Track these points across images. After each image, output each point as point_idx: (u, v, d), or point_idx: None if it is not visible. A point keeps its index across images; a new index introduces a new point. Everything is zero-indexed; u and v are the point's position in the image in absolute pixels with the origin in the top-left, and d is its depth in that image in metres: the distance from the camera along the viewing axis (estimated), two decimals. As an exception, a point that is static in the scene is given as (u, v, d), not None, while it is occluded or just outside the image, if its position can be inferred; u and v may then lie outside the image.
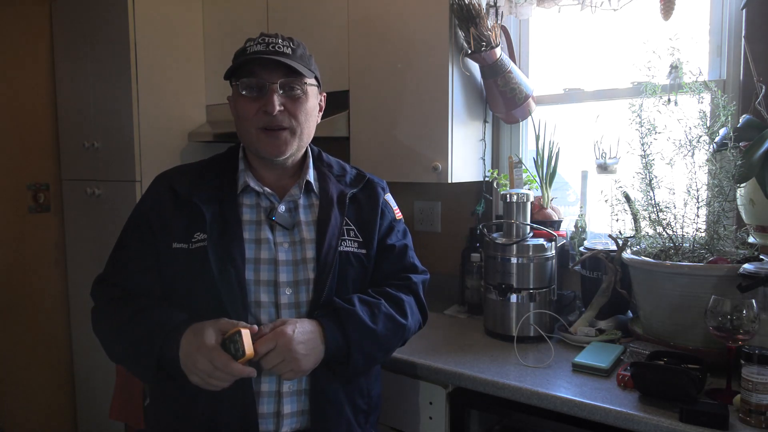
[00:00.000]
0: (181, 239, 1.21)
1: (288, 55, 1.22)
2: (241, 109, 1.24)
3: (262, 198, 1.27)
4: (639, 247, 1.58)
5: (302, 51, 1.27)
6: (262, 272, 1.21)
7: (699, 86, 1.53)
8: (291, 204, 1.29)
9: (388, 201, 1.41)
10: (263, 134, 1.23)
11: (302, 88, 1.24)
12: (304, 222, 1.27)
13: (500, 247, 1.70)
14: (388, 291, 1.31)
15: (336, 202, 1.30)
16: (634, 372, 1.28)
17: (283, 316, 1.20)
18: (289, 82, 1.22)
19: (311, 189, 1.31)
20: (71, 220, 2.71)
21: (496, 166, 2.11)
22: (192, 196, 1.23)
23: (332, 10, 2.07)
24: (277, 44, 1.23)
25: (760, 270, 1.25)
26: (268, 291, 1.21)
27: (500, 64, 1.86)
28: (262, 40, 1.24)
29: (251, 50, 1.22)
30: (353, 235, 1.30)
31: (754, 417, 1.14)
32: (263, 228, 1.24)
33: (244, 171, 1.29)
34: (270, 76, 1.21)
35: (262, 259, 1.21)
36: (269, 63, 1.21)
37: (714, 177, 1.45)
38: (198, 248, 1.19)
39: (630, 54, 1.86)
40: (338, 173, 1.38)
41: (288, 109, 1.23)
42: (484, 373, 1.44)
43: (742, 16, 1.59)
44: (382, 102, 1.98)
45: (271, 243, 1.23)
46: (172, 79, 2.42)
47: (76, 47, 2.54)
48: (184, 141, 2.48)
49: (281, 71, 1.21)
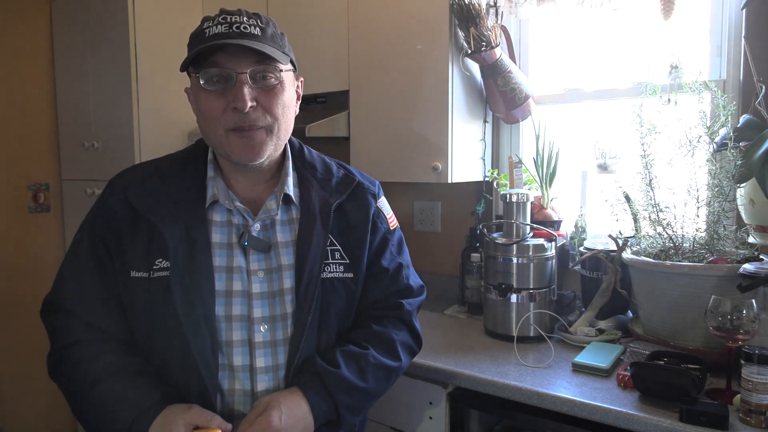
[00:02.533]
0: (140, 267, 1.04)
1: (257, 37, 1.02)
2: (204, 107, 1.05)
3: (234, 213, 1.10)
4: (639, 247, 1.58)
5: (273, 30, 1.07)
6: (234, 306, 1.06)
7: (699, 86, 1.53)
8: (267, 221, 1.12)
9: (380, 209, 1.24)
10: (234, 136, 1.04)
11: (277, 77, 1.04)
12: (282, 243, 1.10)
13: (500, 247, 1.70)
14: (377, 331, 1.16)
15: (319, 215, 1.12)
16: (634, 372, 1.28)
17: (257, 356, 1.06)
18: (261, 70, 1.03)
19: (290, 200, 1.14)
20: (71, 220, 2.71)
21: (496, 166, 2.11)
22: (152, 215, 1.05)
23: (332, 9, 2.07)
24: (243, 23, 1.02)
25: (760, 270, 1.25)
26: (241, 328, 1.06)
27: (500, 64, 1.86)
28: (224, 20, 1.02)
29: (211, 33, 1.01)
30: (338, 257, 1.13)
31: (754, 417, 1.14)
32: (235, 253, 1.07)
33: (213, 179, 1.11)
34: (237, 65, 1.01)
35: (234, 292, 1.06)
36: (235, 49, 1.00)
37: (714, 177, 1.45)
38: (159, 278, 1.03)
39: (630, 54, 1.86)
40: (322, 176, 1.19)
41: (262, 104, 1.04)
42: (484, 373, 1.44)
43: (742, 16, 1.59)
44: (382, 102, 1.98)
45: (244, 272, 1.07)
46: (172, 79, 2.41)
47: (76, 47, 2.53)
48: (184, 141, 2.48)
49: (251, 57, 1.01)
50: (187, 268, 1.03)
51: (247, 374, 1.08)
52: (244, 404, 1.07)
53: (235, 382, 1.08)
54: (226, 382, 1.07)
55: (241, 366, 1.07)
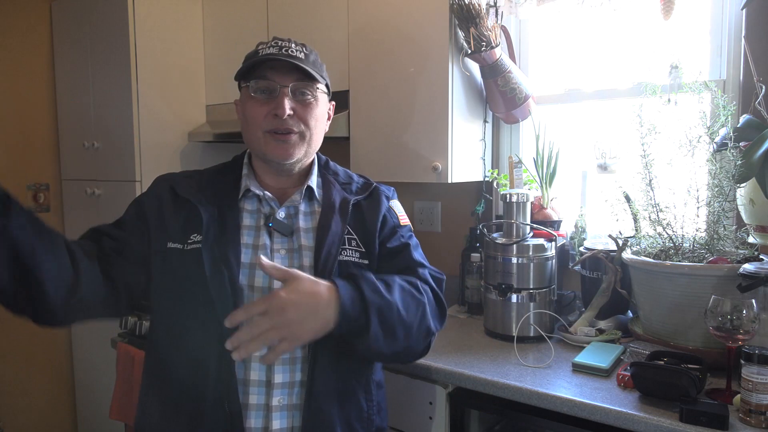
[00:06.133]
0: (177, 239, 1.17)
1: (301, 60, 1.20)
2: (249, 112, 1.22)
3: (263, 203, 1.24)
4: (639, 247, 1.58)
5: (315, 57, 1.26)
6: (256, 277, 1.16)
7: (699, 86, 1.53)
8: (291, 209, 1.25)
9: (392, 207, 1.35)
10: (271, 137, 1.21)
11: (313, 94, 1.23)
12: (303, 229, 1.23)
13: (500, 247, 1.70)
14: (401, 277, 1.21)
15: (338, 209, 1.25)
16: (634, 372, 1.28)
17: None
18: (301, 86, 1.21)
19: (313, 196, 1.28)
20: (71, 220, 2.71)
21: (496, 166, 2.11)
22: (191, 197, 1.21)
23: (332, 9, 2.07)
24: (291, 48, 1.21)
25: (760, 270, 1.25)
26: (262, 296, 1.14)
27: (500, 64, 1.86)
28: (275, 44, 1.22)
29: (264, 53, 1.20)
30: (355, 245, 1.24)
31: (754, 417, 1.14)
32: (261, 234, 1.20)
33: (247, 175, 1.27)
34: (282, 79, 1.19)
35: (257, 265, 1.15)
36: (282, 66, 1.19)
37: (714, 177, 1.45)
38: (192, 249, 1.15)
39: (630, 54, 1.86)
40: (344, 181, 1.34)
41: (298, 114, 1.21)
42: (484, 373, 1.44)
43: (742, 16, 1.59)
44: (382, 102, 1.98)
45: (268, 249, 1.19)
46: (172, 79, 2.42)
47: (76, 47, 2.53)
48: (184, 141, 2.48)
49: (294, 75, 1.20)
50: (217, 241, 1.16)
51: None
52: (260, 368, 1.14)
53: None
54: None
55: None
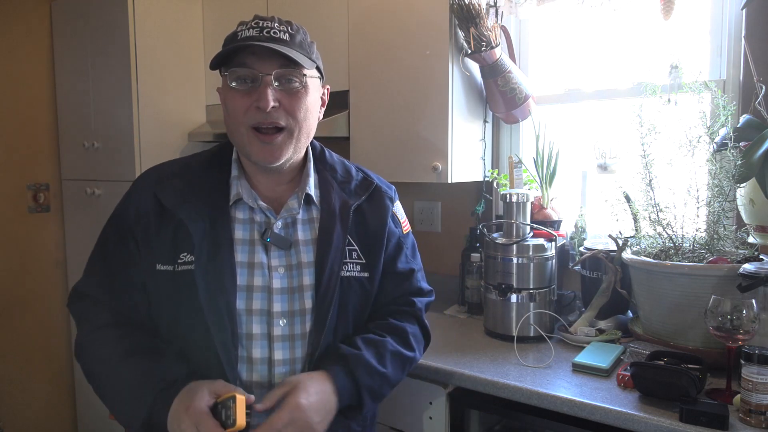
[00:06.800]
0: (166, 260, 1.08)
1: (285, 42, 1.07)
2: (230, 105, 1.09)
3: (256, 212, 1.15)
4: (639, 247, 1.58)
5: (302, 37, 1.12)
6: (254, 301, 1.10)
7: (699, 86, 1.53)
8: (288, 219, 1.16)
9: (396, 214, 1.29)
10: (255, 137, 1.08)
11: (301, 81, 1.09)
12: (303, 241, 1.15)
13: (500, 247, 1.70)
14: (392, 323, 1.22)
15: (338, 215, 1.17)
16: (634, 372, 1.28)
17: (276, 348, 1.10)
18: (285, 73, 1.07)
19: (311, 200, 1.19)
20: (71, 220, 2.71)
21: (496, 166, 2.11)
22: (178, 211, 1.10)
23: (332, 9, 2.07)
24: (273, 29, 1.07)
25: (760, 270, 1.25)
26: (261, 321, 1.10)
27: (500, 64, 1.86)
28: (256, 24, 1.08)
29: (243, 35, 1.06)
30: (356, 257, 1.18)
31: (754, 417, 1.14)
32: (257, 249, 1.12)
33: (237, 178, 1.16)
34: (264, 67, 1.05)
35: (255, 287, 1.10)
36: (263, 51, 1.05)
37: (714, 177, 1.45)
38: (184, 272, 1.07)
39: (630, 54, 1.86)
40: (342, 178, 1.24)
41: (284, 106, 1.08)
42: (484, 373, 1.44)
43: (742, 16, 1.59)
44: (382, 102, 1.98)
45: (265, 268, 1.11)
46: (172, 79, 2.42)
47: (76, 47, 2.53)
48: (184, 141, 2.48)
49: (277, 60, 1.06)
50: (210, 262, 1.07)
51: (266, 366, 1.12)
52: (262, 395, 1.10)
53: (254, 373, 1.11)
54: (245, 373, 1.11)
55: (260, 358, 1.11)
